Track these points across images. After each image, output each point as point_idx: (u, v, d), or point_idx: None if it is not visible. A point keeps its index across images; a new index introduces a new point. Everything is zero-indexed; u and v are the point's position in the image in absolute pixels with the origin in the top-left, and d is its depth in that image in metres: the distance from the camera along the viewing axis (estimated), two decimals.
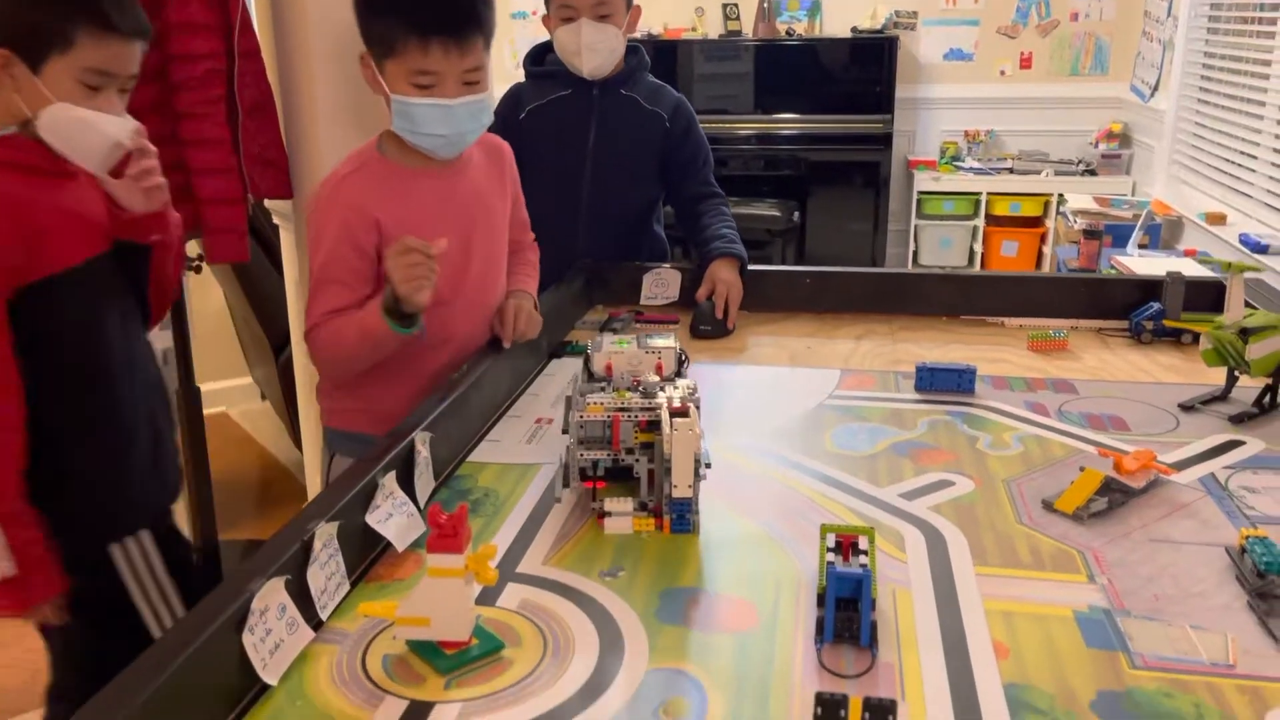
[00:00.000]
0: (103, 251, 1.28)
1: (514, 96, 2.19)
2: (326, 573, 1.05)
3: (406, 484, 1.25)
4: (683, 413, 1.10)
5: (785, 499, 1.32)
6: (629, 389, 1.19)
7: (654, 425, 1.15)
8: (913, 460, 1.43)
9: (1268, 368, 1.54)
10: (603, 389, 1.20)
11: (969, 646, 1.01)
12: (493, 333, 1.55)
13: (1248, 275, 1.67)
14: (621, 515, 1.14)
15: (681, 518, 1.13)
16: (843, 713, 0.78)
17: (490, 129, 1.59)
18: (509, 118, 2.16)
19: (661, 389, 1.18)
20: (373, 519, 1.15)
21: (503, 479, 1.37)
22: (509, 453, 1.47)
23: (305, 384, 2.35)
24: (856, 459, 1.43)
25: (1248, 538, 1.13)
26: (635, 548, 1.18)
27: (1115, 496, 1.29)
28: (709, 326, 1.96)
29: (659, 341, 1.29)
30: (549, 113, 2.14)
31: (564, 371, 1.81)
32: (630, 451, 1.16)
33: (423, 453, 1.28)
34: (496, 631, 1.02)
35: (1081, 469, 1.31)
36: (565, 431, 1.23)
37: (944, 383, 1.68)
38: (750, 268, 2.09)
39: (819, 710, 0.79)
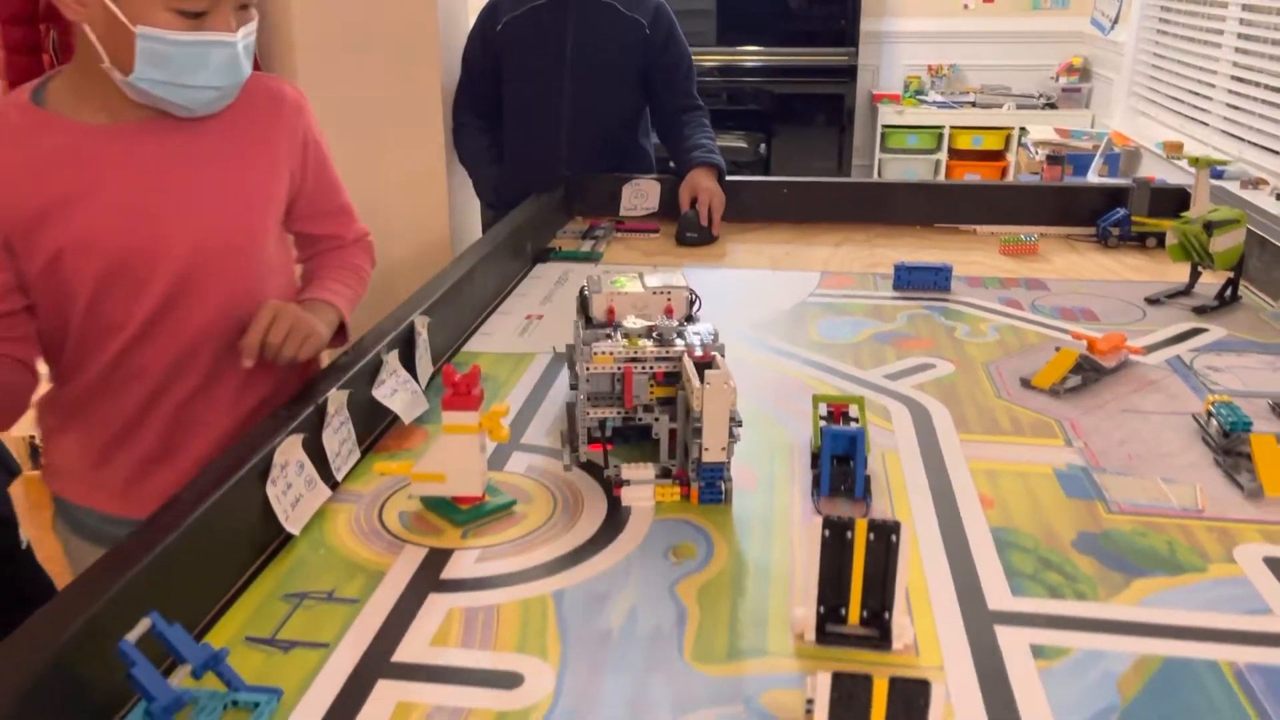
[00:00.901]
0: None
1: (491, 9, 2.18)
2: (340, 438, 1.08)
3: (408, 365, 1.28)
4: (709, 363, 0.94)
5: (776, 381, 1.37)
6: (642, 335, 1.02)
7: (672, 378, 0.99)
8: (894, 347, 1.48)
9: (1229, 261, 1.61)
10: (609, 336, 1.02)
11: (956, 499, 1.07)
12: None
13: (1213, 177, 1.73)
14: (642, 484, 0.98)
15: (712, 485, 0.97)
16: (849, 534, 0.83)
17: (468, 43, 1.42)
18: (486, 31, 2.16)
19: (680, 335, 1.02)
20: (379, 393, 1.18)
21: (499, 365, 1.41)
22: (502, 344, 1.51)
23: None
24: (841, 347, 1.49)
25: (1214, 403, 1.19)
26: None
27: (1089, 374, 1.35)
28: (695, 234, 1.99)
29: (667, 280, 1.12)
30: (526, 23, 2.13)
31: (548, 275, 1.84)
32: (648, 409, 1.01)
33: (422, 334, 1.31)
34: (507, 492, 1.06)
35: (1057, 349, 1.37)
36: (573, 387, 1.12)
37: (921, 281, 1.73)
38: (728, 178, 2.12)
39: (827, 532, 0.84)
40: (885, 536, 0.82)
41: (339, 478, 1.07)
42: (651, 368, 1.00)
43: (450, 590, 0.91)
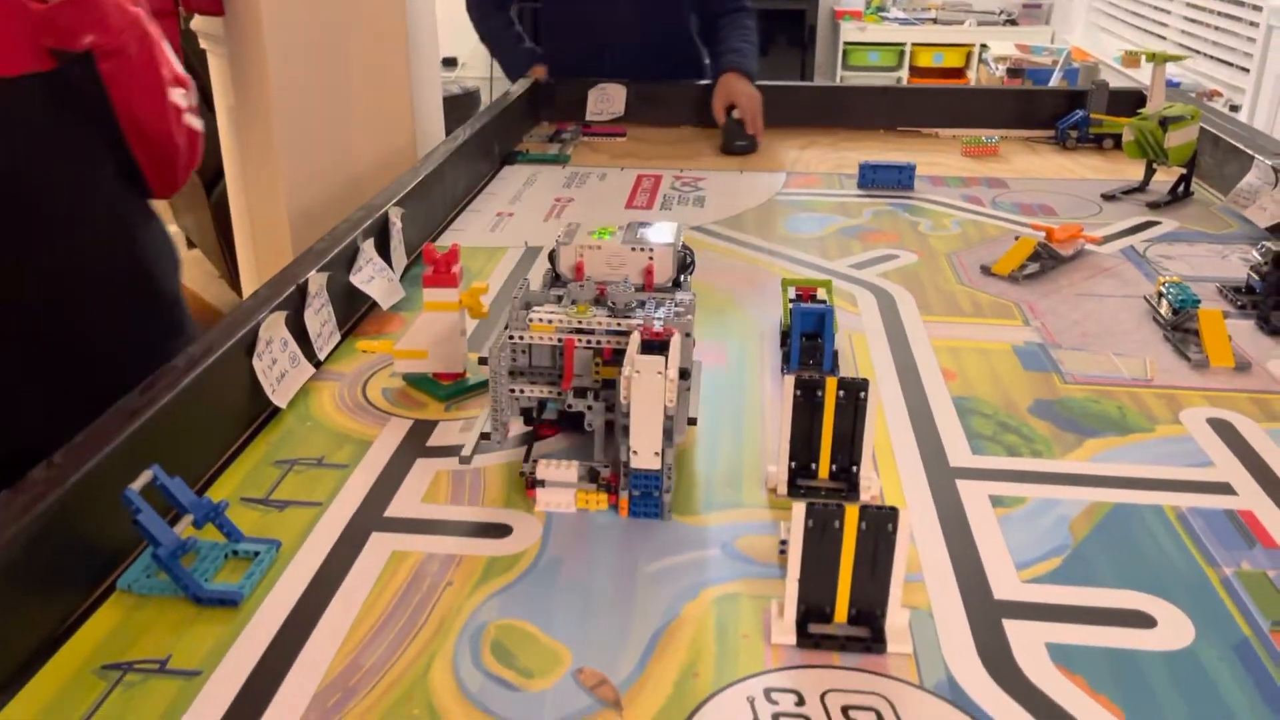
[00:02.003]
0: (27, 71, 0.93)
1: None
2: (320, 319, 1.10)
3: (384, 255, 1.29)
4: (657, 344, 0.77)
5: (744, 271, 1.40)
6: (594, 301, 0.86)
7: (622, 356, 0.81)
8: (860, 240, 1.52)
9: (1183, 156, 1.65)
10: (559, 299, 0.88)
11: (920, 372, 1.11)
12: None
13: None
14: (559, 487, 0.82)
15: (647, 496, 0.80)
16: (819, 393, 0.87)
17: None
18: None
19: (642, 305, 0.86)
20: (357, 279, 1.20)
21: (473, 258, 1.43)
22: (475, 239, 1.52)
23: (242, 222, 2.33)
24: (808, 240, 1.52)
25: (1164, 284, 1.24)
26: None
27: (1046, 262, 1.40)
28: (744, 142, 1.97)
29: (656, 236, 0.95)
30: None
31: (516, 176, 1.85)
32: (582, 394, 0.83)
33: (396, 224, 1.32)
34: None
35: (1016, 238, 1.42)
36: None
37: (885, 179, 1.76)
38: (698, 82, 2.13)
39: (798, 391, 0.87)
40: (854, 394, 0.86)
41: (321, 357, 1.09)
42: (599, 342, 0.83)
43: (437, 455, 0.94)
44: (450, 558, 0.79)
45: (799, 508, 0.69)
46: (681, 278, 0.97)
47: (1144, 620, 0.74)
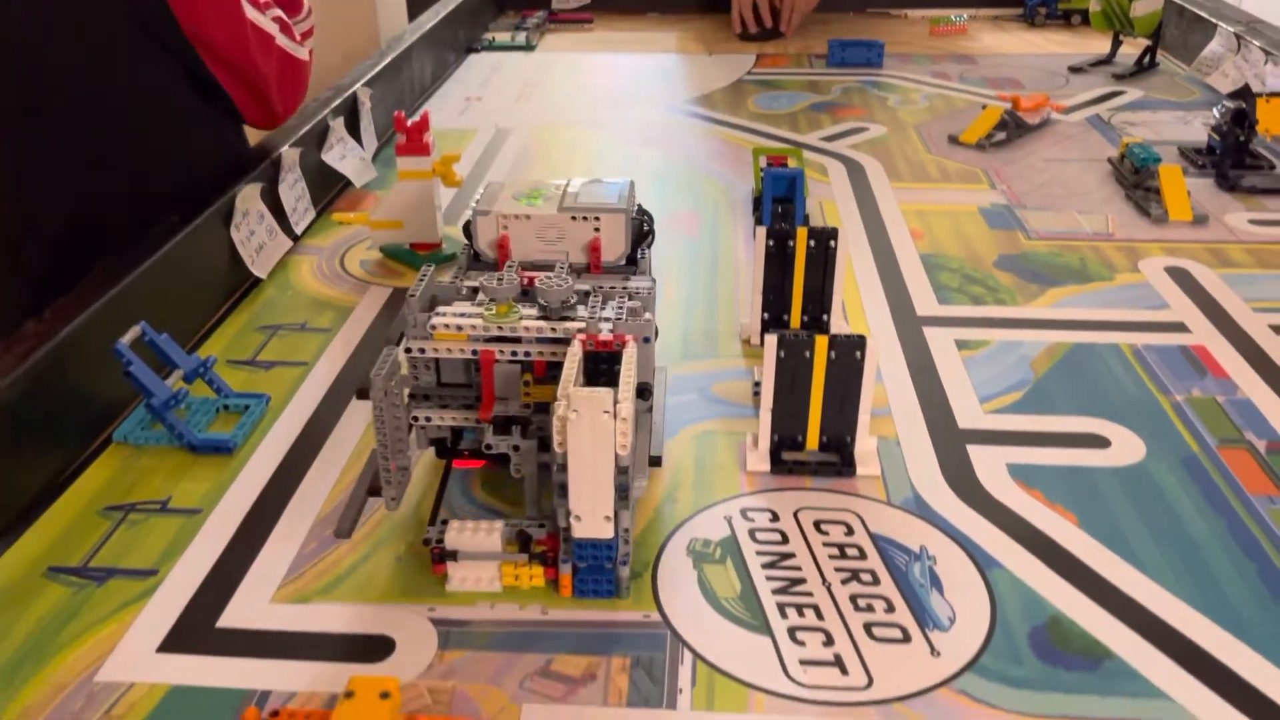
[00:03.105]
0: None
1: None
2: (295, 194, 1.11)
3: (354, 136, 1.29)
4: (604, 362, 0.61)
5: (715, 145, 1.41)
6: (519, 297, 0.65)
7: (558, 371, 0.60)
8: (830, 115, 1.53)
9: (1149, 27, 1.66)
10: (474, 292, 0.68)
11: (889, 234, 1.13)
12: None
13: None
14: (477, 559, 0.62)
15: (597, 570, 0.61)
16: (790, 243, 0.89)
17: None
18: None
19: (584, 299, 0.66)
20: (329, 157, 1.20)
21: (443, 140, 1.43)
22: (444, 122, 1.52)
23: None
24: (778, 116, 1.53)
25: (1127, 145, 1.26)
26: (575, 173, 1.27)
27: (1013, 130, 1.41)
28: (766, 31, 1.95)
29: (601, 198, 0.74)
30: None
31: (482, 65, 1.83)
32: (505, 426, 0.63)
33: (365, 104, 1.32)
34: None
35: (983, 107, 1.43)
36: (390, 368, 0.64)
37: (854, 57, 1.76)
38: None
39: (770, 242, 0.90)
40: (824, 243, 0.88)
41: (298, 231, 1.10)
42: (527, 354, 0.63)
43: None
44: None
45: (771, 339, 0.72)
46: (639, 253, 0.74)
47: (1099, 442, 0.78)
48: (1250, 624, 0.61)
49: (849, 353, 0.72)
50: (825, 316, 0.91)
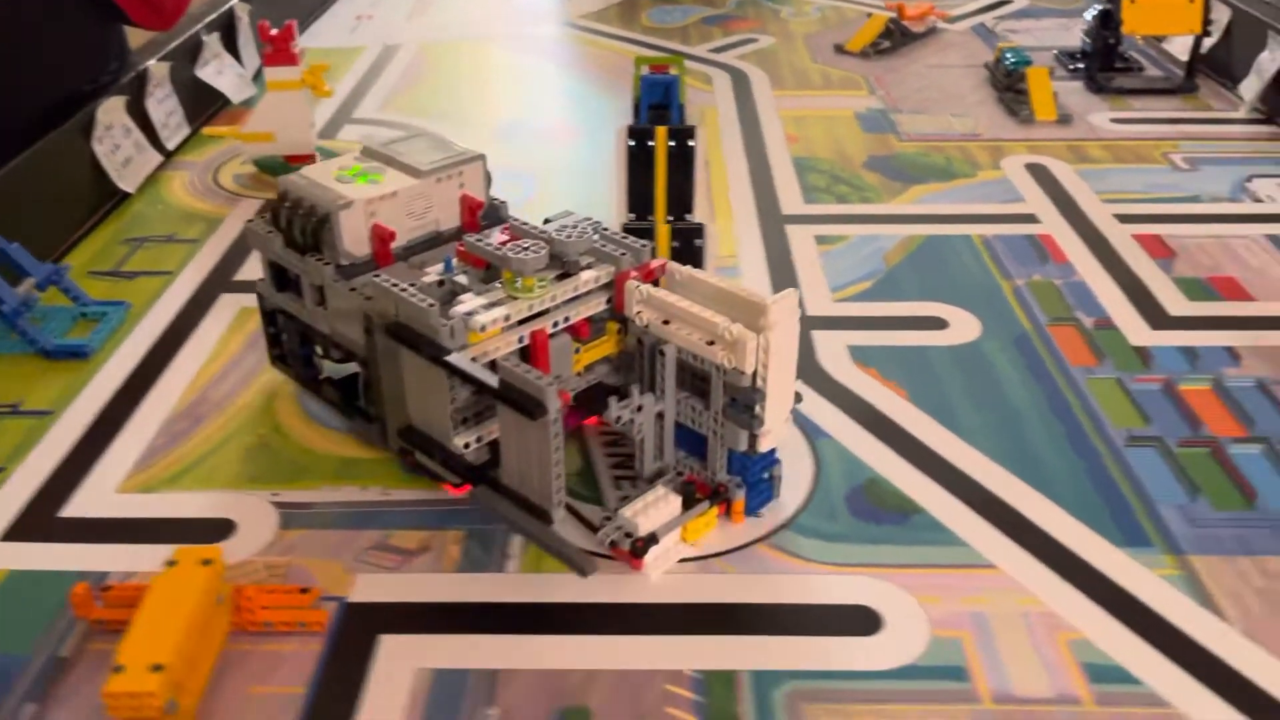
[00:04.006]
0: None
1: None
2: (165, 109, 1.09)
3: (233, 52, 1.27)
4: (654, 282, 0.60)
5: (602, 58, 1.41)
6: (520, 268, 0.60)
7: (597, 326, 0.64)
8: (722, 28, 1.53)
9: None
10: (441, 284, 0.63)
11: (765, 138, 1.15)
12: None
13: None
14: (667, 532, 0.59)
15: (758, 485, 0.62)
16: (650, 142, 0.91)
17: None
18: None
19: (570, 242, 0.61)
20: (204, 73, 1.18)
21: (330, 57, 1.41)
22: (332, 40, 1.50)
23: None
24: (670, 29, 1.53)
25: (1002, 49, 1.29)
26: (463, 88, 1.28)
27: (898, 39, 1.43)
28: None
29: (439, 150, 0.69)
30: None
31: None
32: (600, 399, 0.63)
33: (243, 19, 1.30)
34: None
35: (868, 16, 1.45)
36: (315, 381, 0.70)
37: None
38: None
39: (631, 142, 0.91)
40: (683, 140, 0.90)
41: (169, 146, 1.09)
42: (567, 318, 0.61)
43: None
44: None
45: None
46: (496, 201, 0.71)
47: (938, 324, 0.81)
48: (1053, 479, 0.65)
49: (690, 238, 0.74)
50: (688, 215, 0.93)
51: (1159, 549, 0.59)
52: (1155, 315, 0.82)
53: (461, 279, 0.62)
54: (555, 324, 0.60)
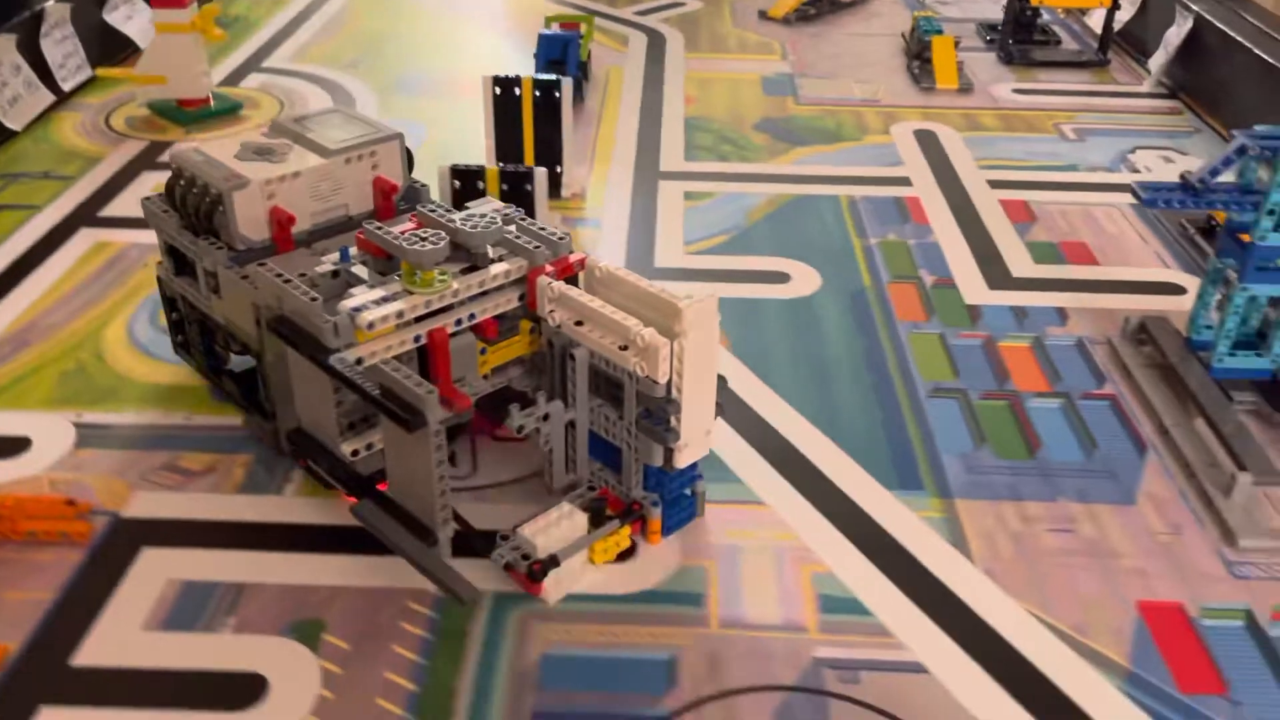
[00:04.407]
0: None
1: None
2: (63, 50, 1.10)
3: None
4: (570, 277, 0.57)
5: (527, 15, 1.41)
6: (420, 261, 0.54)
7: (509, 325, 0.60)
8: None
9: None
10: (336, 275, 0.59)
11: (664, 98, 1.16)
12: None
13: None
14: (573, 550, 0.55)
15: (678, 500, 0.59)
16: (517, 90, 0.91)
17: None
18: None
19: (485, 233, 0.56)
20: (113, 17, 1.19)
21: (260, 4, 1.42)
22: None
23: None
24: None
25: (918, 17, 1.29)
26: (381, 40, 1.29)
27: (824, 6, 1.43)
28: None
29: (352, 128, 0.65)
30: None
31: None
32: (500, 406, 0.57)
33: None
34: (235, 98, 1.11)
35: None
36: (222, 373, 0.66)
37: None
38: None
39: (497, 89, 0.92)
40: (549, 92, 0.91)
41: (66, 87, 1.10)
42: (472, 315, 0.57)
43: (167, 169, 0.97)
44: (148, 248, 0.84)
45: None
46: (416, 184, 0.66)
47: (780, 278, 0.82)
48: (848, 427, 0.66)
49: (520, 182, 0.75)
50: (559, 169, 0.94)
51: (928, 493, 0.60)
52: (997, 276, 0.83)
53: (360, 270, 0.58)
54: (459, 322, 0.56)
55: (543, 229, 0.60)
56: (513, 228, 0.59)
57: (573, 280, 0.58)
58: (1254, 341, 0.67)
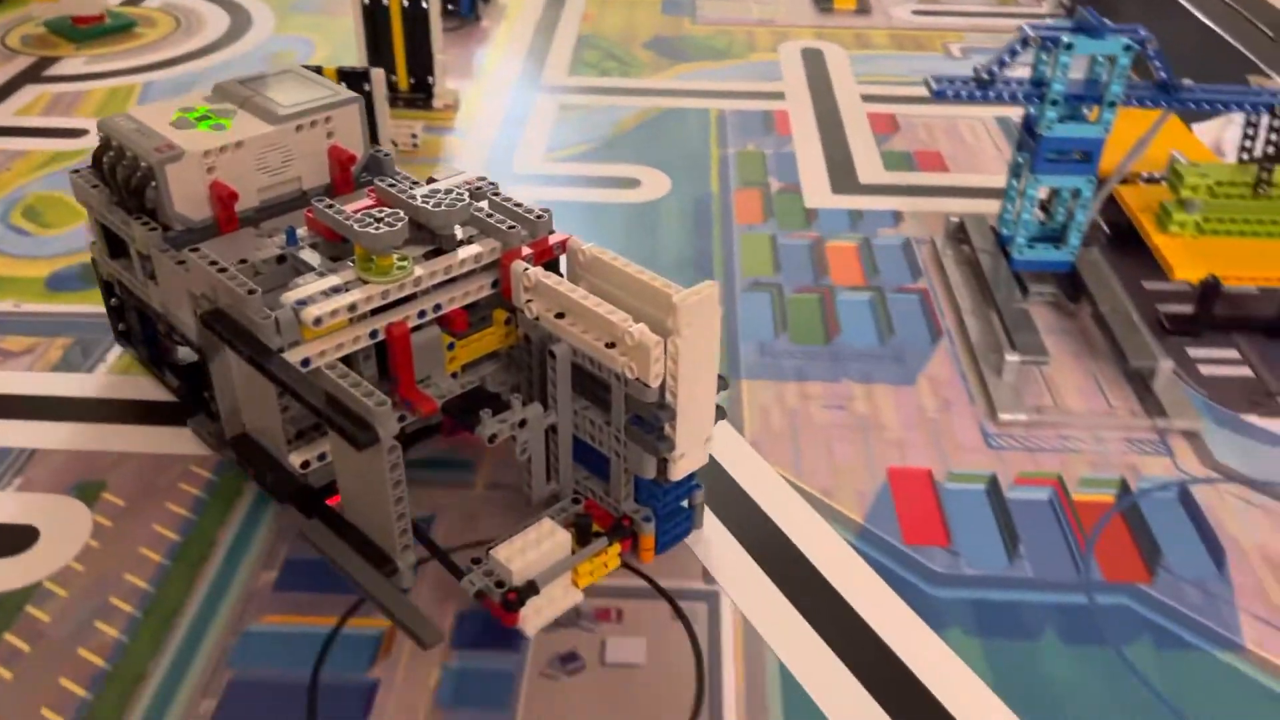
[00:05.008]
0: None
1: None
2: None
3: None
4: (552, 260, 0.51)
5: None
6: (374, 246, 0.48)
7: (479, 315, 0.53)
8: None
9: None
10: (288, 264, 0.53)
11: (562, 15, 1.17)
12: None
13: None
14: (552, 577, 0.48)
15: (675, 515, 0.52)
16: (384, 3, 0.92)
17: None
18: None
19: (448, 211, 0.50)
20: None
21: None
22: None
23: None
24: None
25: None
26: None
27: None
28: None
29: (308, 90, 0.58)
30: None
31: None
32: (468, 410, 0.51)
33: None
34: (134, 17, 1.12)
35: None
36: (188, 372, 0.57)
37: None
38: None
39: (366, 2, 0.93)
40: (416, 4, 0.92)
41: None
42: (438, 306, 0.50)
43: (49, 82, 0.99)
44: (16, 153, 0.86)
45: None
46: (379, 153, 0.59)
47: (629, 183, 0.84)
48: None
49: (416, 101, 0.77)
50: (430, 80, 0.95)
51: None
52: (844, 182, 0.84)
53: (309, 255, 0.51)
54: (422, 314, 0.49)
55: (518, 206, 0.52)
56: (484, 204, 0.51)
57: (553, 265, 0.51)
58: (1057, 234, 0.69)
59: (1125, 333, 0.63)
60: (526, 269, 0.48)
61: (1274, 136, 0.65)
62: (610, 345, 0.46)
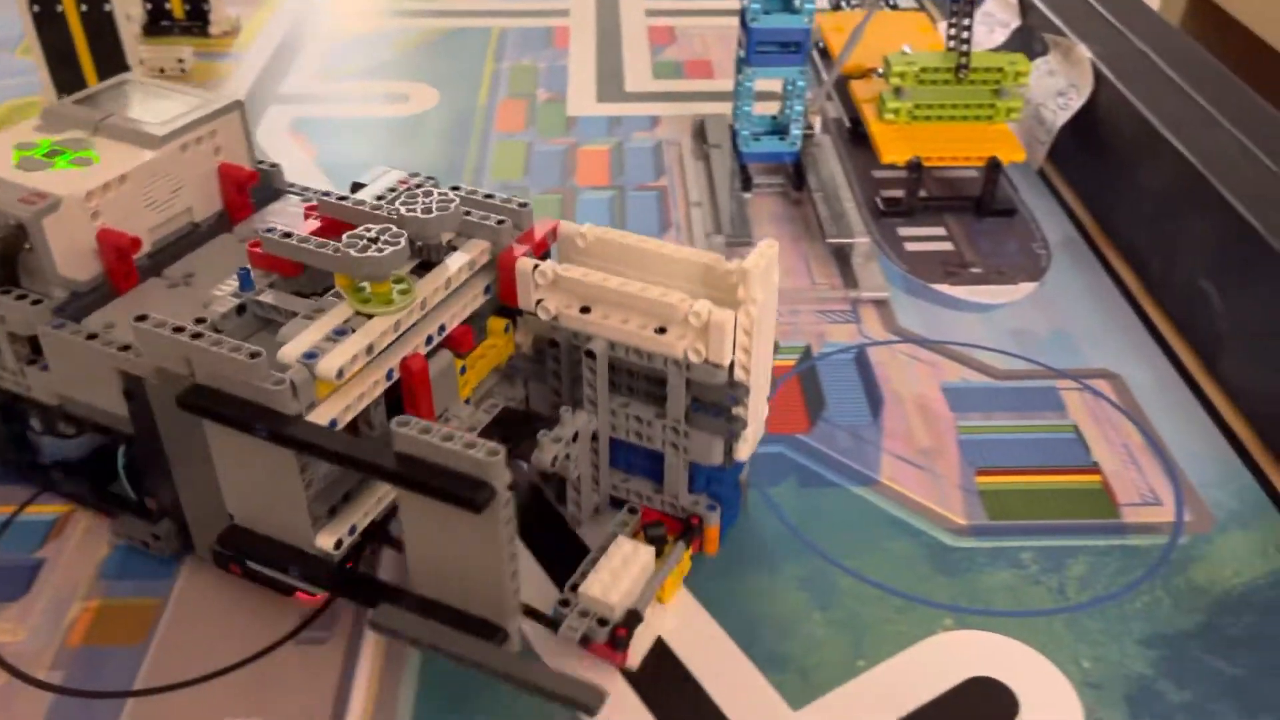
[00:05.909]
0: None
1: None
2: None
3: None
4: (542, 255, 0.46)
5: None
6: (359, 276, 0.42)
7: (474, 329, 0.47)
8: None
9: None
10: (241, 310, 0.44)
11: None
12: None
13: None
14: (644, 593, 0.43)
15: (731, 504, 0.48)
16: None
17: None
18: None
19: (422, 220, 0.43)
20: None
21: None
22: None
23: None
24: None
25: None
26: None
27: None
28: None
29: (167, 104, 0.49)
30: None
31: None
32: (498, 439, 0.39)
33: None
34: None
35: None
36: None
37: None
38: None
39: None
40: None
41: None
42: (442, 327, 0.44)
43: None
44: None
45: None
46: (266, 165, 0.52)
47: (399, 99, 0.84)
48: None
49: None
50: (206, 6, 0.94)
51: None
52: (610, 91, 0.86)
53: (272, 297, 0.43)
54: (429, 339, 0.42)
55: (489, 196, 0.46)
56: (456, 202, 0.44)
57: (543, 258, 0.45)
58: (785, 128, 0.72)
59: (832, 214, 0.66)
60: (537, 265, 0.43)
61: (967, 22, 0.69)
62: (660, 330, 0.41)
